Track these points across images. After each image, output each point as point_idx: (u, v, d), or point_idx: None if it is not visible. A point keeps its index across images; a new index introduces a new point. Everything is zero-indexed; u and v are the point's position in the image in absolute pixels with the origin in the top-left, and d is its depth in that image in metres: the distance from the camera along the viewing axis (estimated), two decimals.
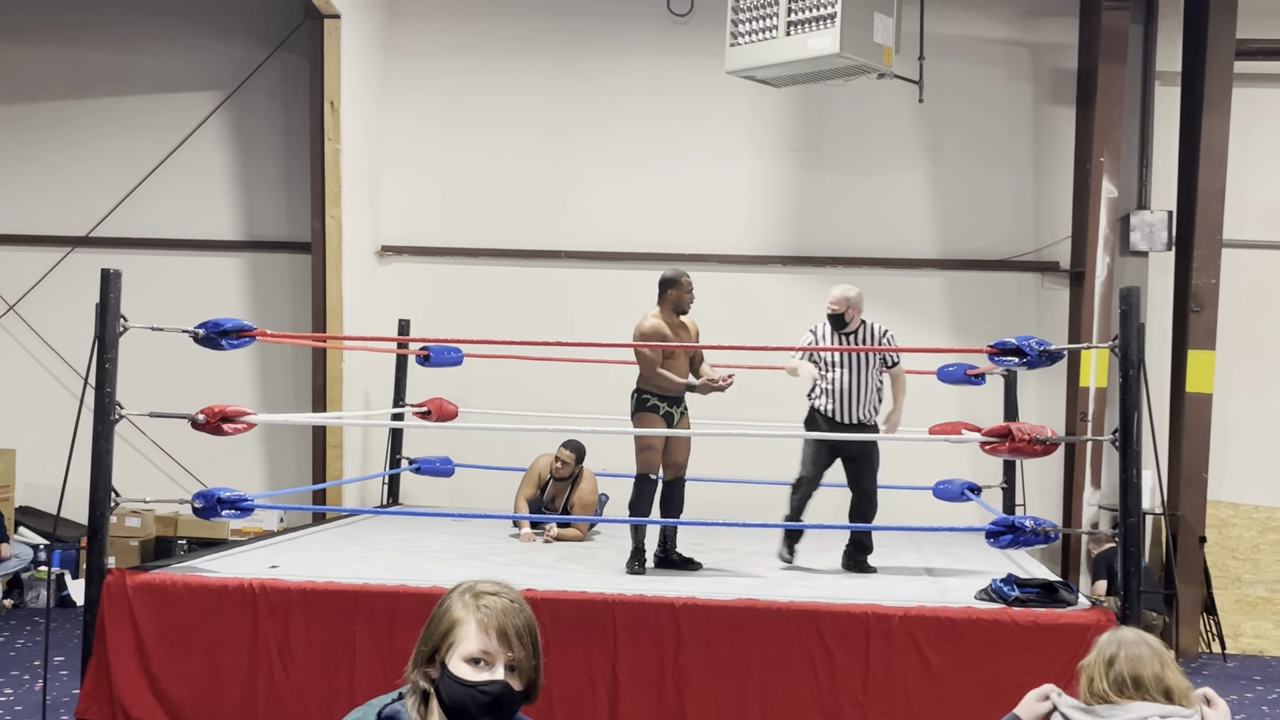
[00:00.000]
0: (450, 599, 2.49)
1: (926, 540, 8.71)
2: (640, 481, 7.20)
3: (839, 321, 7.37)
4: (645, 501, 7.17)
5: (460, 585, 2.52)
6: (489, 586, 2.50)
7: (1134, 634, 3.59)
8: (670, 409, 7.23)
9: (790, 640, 5.95)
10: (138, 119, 11.25)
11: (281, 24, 10.86)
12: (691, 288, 7.25)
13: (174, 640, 6.19)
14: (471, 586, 2.50)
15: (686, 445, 7.37)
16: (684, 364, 7.29)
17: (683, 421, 7.34)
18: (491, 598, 2.46)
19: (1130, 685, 3.42)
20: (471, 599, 2.47)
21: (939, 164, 10.80)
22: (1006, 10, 10.70)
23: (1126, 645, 3.51)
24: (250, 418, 6.64)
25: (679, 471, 7.34)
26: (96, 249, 11.04)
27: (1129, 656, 3.47)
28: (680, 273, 7.28)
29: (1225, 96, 9.66)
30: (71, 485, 6.47)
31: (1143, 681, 3.43)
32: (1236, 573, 9.99)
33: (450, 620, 2.45)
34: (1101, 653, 3.52)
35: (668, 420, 7.20)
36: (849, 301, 7.33)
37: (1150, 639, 3.57)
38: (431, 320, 10.56)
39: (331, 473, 10.21)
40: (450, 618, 2.45)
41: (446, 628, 2.45)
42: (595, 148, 11.03)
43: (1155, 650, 3.52)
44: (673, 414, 7.24)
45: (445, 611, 2.47)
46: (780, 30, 8.77)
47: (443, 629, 2.45)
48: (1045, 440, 6.24)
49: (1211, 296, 9.71)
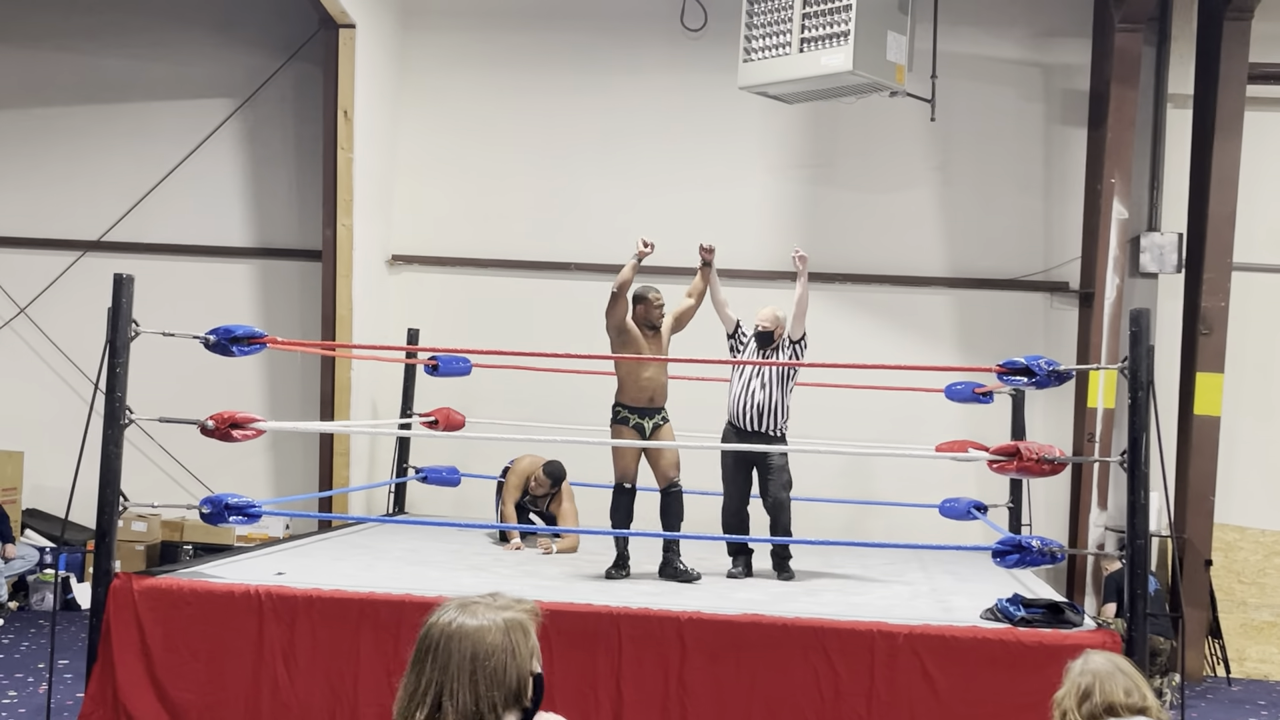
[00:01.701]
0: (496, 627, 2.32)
1: (932, 558, 8.69)
2: (615, 490, 7.51)
3: (767, 339, 7.71)
4: (618, 509, 7.48)
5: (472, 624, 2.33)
6: (502, 602, 2.39)
7: (1105, 659, 3.47)
8: (641, 420, 7.41)
9: (795, 656, 5.95)
10: (152, 125, 11.31)
11: (296, 33, 10.91)
12: (660, 304, 7.53)
13: (179, 645, 6.20)
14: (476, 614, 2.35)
15: (666, 455, 7.44)
16: (653, 375, 7.42)
17: (659, 433, 7.43)
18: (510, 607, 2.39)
19: (1104, 715, 3.35)
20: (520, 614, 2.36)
21: (950, 182, 10.81)
22: (1019, 31, 10.72)
23: (1101, 677, 3.39)
24: (259, 424, 6.66)
25: (667, 482, 7.48)
26: (108, 253, 11.07)
27: (1103, 688, 3.36)
28: (648, 289, 7.57)
29: (1237, 120, 9.67)
30: (80, 488, 6.49)
31: (1116, 709, 3.35)
32: (1242, 596, 9.96)
33: (530, 648, 2.34)
34: (1075, 685, 3.41)
35: (638, 431, 7.41)
36: (778, 320, 7.73)
37: (1121, 662, 3.47)
38: (440, 330, 10.58)
39: (338, 480, 10.22)
40: (527, 648, 2.34)
41: (531, 642, 2.35)
42: (607, 161, 11.05)
43: (1127, 674, 3.41)
44: (643, 425, 7.42)
45: (516, 645, 2.32)
46: (794, 47, 8.79)
47: (525, 659, 2.33)
48: (1053, 460, 6.24)
49: (1221, 319, 9.70)
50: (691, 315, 7.68)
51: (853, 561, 8.33)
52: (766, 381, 7.62)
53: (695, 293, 7.68)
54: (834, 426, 9.57)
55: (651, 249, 7.39)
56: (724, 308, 7.87)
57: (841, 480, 10.08)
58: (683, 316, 7.65)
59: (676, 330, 7.65)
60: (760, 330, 7.72)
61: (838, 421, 9.67)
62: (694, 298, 7.68)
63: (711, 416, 8.26)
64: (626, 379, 7.46)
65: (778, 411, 7.64)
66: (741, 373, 7.69)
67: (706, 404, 8.74)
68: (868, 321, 10.50)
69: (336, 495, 10.18)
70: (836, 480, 9.94)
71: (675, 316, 7.62)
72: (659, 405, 7.50)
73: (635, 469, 7.50)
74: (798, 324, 7.68)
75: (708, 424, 8.38)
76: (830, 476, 9.95)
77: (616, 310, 7.36)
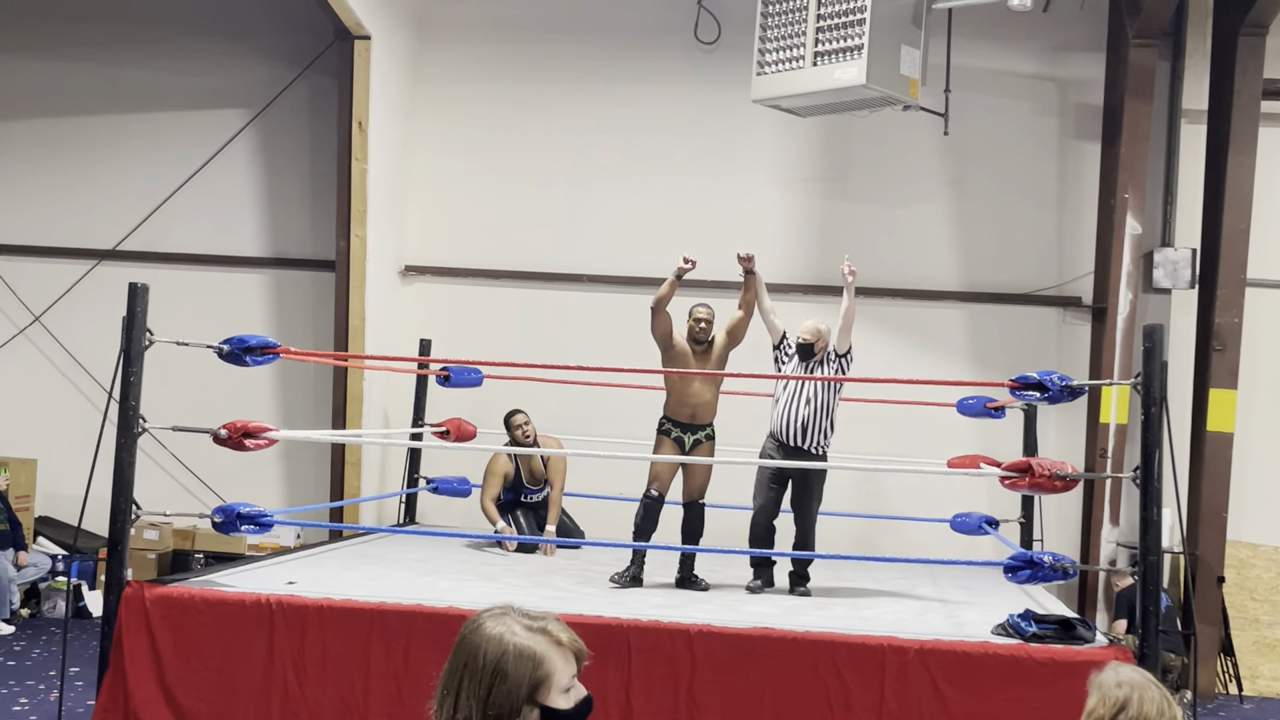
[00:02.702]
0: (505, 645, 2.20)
1: (943, 573, 8.67)
2: (643, 496, 7.55)
3: (808, 351, 7.55)
4: (639, 515, 7.51)
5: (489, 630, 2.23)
6: (522, 616, 2.28)
7: (1137, 672, 3.28)
8: (681, 434, 7.42)
9: (804, 670, 5.93)
10: (167, 135, 11.36)
11: (311, 44, 10.95)
12: (701, 319, 7.54)
13: (190, 654, 6.21)
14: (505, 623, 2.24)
15: (699, 471, 7.46)
16: (697, 391, 7.42)
17: (701, 449, 7.42)
18: (540, 622, 2.28)
19: None
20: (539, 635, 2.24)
21: (963, 197, 10.81)
22: (1033, 45, 10.72)
23: (1138, 688, 3.18)
24: (271, 434, 6.68)
25: (692, 496, 7.54)
26: (123, 263, 11.12)
27: (1140, 699, 3.15)
28: (696, 305, 7.62)
29: (1251, 135, 9.65)
30: (92, 496, 6.51)
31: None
32: (1255, 614, 9.91)
33: (534, 662, 2.20)
34: (1111, 697, 3.18)
35: (678, 445, 7.43)
36: (819, 333, 7.56)
37: (1151, 676, 3.28)
38: (452, 340, 10.59)
39: (349, 490, 10.24)
40: (533, 661, 2.20)
41: (535, 674, 2.20)
42: (619, 174, 11.07)
43: (1159, 688, 3.27)
44: (684, 439, 7.42)
45: (520, 658, 2.20)
46: (807, 60, 8.80)
47: (530, 678, 2.20)
48: (1066, 476, 6.22)
49: (1234, 335, 9.67)
50: (744, 327, 7.60)
51: (864, 576, 8.32)
52: (811, 397, 7.47)
53: (744, 304, 7.60)
54: (846, 441, 9.50)
55: (693, 265, 7.35)
56: (770, 315, 7.75)
57: (853, 494, 10.06)
58: (735, 330, 7.60)
59: (733, 345, 7.60)
60: (801, 342, 7.59)
61: (850, 436, 9.61)
62: (743, 309, 7.60)
63: (750, 430, 8.21)
64: (671, 393, 7.51)
65: (822, 428, 7.51)
66: (787, 386, 7.55)
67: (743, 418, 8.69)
68: (880, 336, 10.49)
69: (347, 505, 10.20)
70: (848, 494, 9.92)
71: (727, 331, 7.59)
72: (702, 422, 7.50)
73: (668, 480, 7.53)
74: (844, 337, 7.51)
75: (742, 438, 8.31)
76: (842, 491, 9.90)
77: (656, 326, 7.43)
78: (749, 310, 7.59)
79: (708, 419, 7.53)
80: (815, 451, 7.53)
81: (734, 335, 7.60)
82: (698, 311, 7.58)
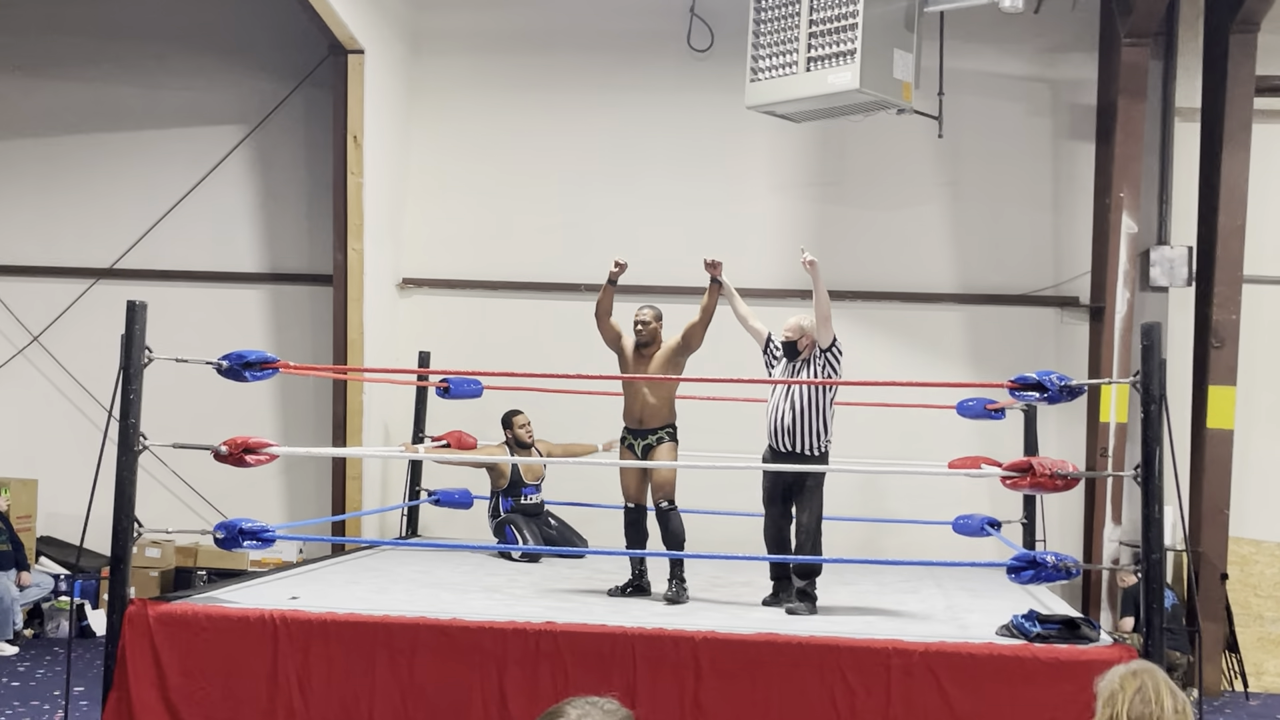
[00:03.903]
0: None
1: (947, 575, 8.67)
2: (624, 510, 7.61)
3: (792, 350, 7.27)
4: (626, 529, 7.56)
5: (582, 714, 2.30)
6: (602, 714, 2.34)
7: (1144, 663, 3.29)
8: (634, 440, 7.48)
9: (810, 675, 5.92)
10: (163, 152, 11.37)
11: (306, 59, 10.97)
12: (638, 320, 7.49)
13: (195, 671, 6.19)
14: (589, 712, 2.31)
15: (656, 475, 7.37)
16: (639, 396, 7.43)
17: (653, 454, 7.40)
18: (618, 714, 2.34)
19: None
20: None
21: (958, 199, 10.82)
22: (1026, 46, 10.74)
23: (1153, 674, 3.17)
24: (272, 449, 6.67)
25: (656, 501, 7.41)
26: (121, 280, 11.13)
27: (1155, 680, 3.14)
28: (640, 308, 7.57)
29: (1245, 132, 9.68)
30: (94, 515, 6.50)
31: None
32: (1259, 610, 9.91)
33: None
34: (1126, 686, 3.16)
35: (631, 451, 7.48)
36: (802, 330, 7.25)
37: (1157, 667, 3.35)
38: (451, 352, 10.59)
39: (351, 504, 10.24)
40: None
41: None
42: (615, 182, 11.08)
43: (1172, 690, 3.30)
44: (635, 445, 7.47)
45: None
46: (800, 66, 8.82)
47: None
48: (1067, 475, 6.22)
49: (1232, 332, 9.69)
50: (700, 333, 7.37)
51: (867, 579, 8.32)
52: (797, 399, 7.14)
53: (703, 310, 7.39)
54: (846, 444, 9.48)
55: (623, 268, 7.36)
56: (748, 321, 7.59)
57: (854, 498, 10.06)
58: (689, 335, 7.38)
59: (688, 350, 7.44)
60: (784, 341, 7.32)
61: (850, 439, 9.58)
62: (700, 315, 7.38)
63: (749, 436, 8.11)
64: (624, 399, 7.55)
65: (812, 429, 7.15)
66: (775, 389, 7.30)
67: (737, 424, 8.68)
68: (878, 339, 10.50)
69: (349, 519, 10.20)
70: (849, 498, 9.92)
71: (682, 335, 7.43)
72: (650, 426, 7.41)
73: (634, 489, 7.50)
74: (824, 330, 7.14)
75: (738, 445, 8.25)
76: (843, 494, 9.89)
77: (603, 332, 7.54)
78: (704, 316, 7.36)
79: (656, 423, 7.41)
80: (809, 454, 7.17)
81: (688, 339, 7.40)
82: (638, 314, 7.48)
